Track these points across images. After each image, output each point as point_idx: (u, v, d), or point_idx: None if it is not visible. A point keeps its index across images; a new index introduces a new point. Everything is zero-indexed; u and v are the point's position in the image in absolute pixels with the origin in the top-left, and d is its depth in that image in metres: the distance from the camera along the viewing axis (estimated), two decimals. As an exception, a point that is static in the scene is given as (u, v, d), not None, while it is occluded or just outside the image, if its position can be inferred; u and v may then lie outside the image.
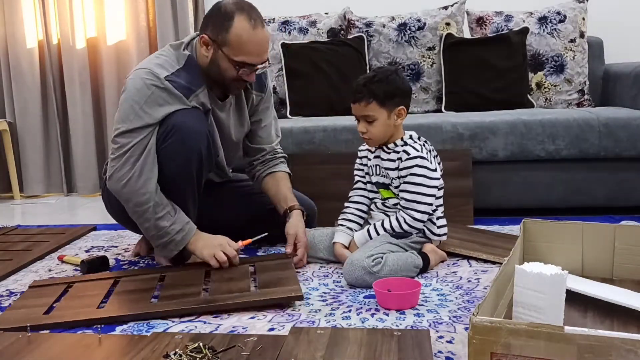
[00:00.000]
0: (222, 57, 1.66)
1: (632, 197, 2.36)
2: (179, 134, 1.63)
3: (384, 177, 1.78)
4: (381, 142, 1.76)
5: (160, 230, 1.66)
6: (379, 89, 1.68)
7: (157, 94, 1.63)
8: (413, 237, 1.74)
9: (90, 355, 1.21)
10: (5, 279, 1.79)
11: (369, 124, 1.71)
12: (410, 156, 1.71)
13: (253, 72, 1.70)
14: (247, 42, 1.63)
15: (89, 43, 3.31)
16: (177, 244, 1.67)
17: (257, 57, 1.67)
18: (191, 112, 1.68)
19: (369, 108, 1.69)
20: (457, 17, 2.83)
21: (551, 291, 1.17)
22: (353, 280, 1.59)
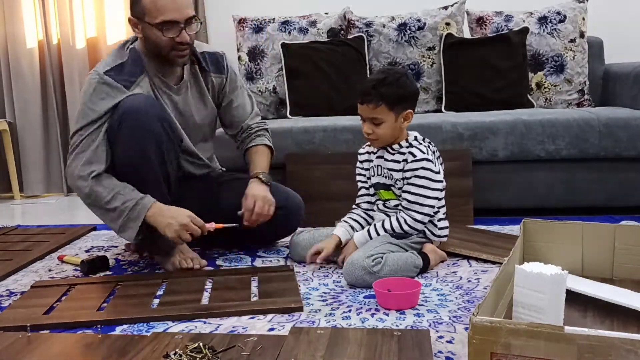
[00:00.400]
0: (148, 28, 1.69)
1: (632, 197, 2.36)
2: (130, 120, 1.65)
3: (386, 178, 1.78)
4: (386, 143, 1.75)
5: (114, 212, 1.66)
6: (389, 93, 1.66)
7: (98, 89, 1.70)
8: (413, 238, 1.74)
9: (90, 355, 1.21)
10: (5, 279, 1.79)
11: (375, 125, 1.70)
12: (417, 158, 1.70)
13: (182, 31, 1.69)
14: (159, 0, 1.65)
15: (89, 43, 3.31)
16: (135, 219, 1.65)
17: (175, 12, 1.67)
18: (140, 97, 1.70)
19: (378, 111, 1.67)
20: (457, 17, 2.83)
21: (551, 291, 1.17)
22: (353, 280, 1.59)
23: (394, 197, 1.78)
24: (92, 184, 1.66)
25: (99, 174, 1.67)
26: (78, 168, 1.68)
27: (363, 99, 1.68)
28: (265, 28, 2.86)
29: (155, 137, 1.68)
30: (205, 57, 1.89)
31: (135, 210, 1.64)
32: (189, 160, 1.92)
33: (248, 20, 2.90)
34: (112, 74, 1.72)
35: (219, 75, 1.93)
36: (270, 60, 2.84)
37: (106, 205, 1.66)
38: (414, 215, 1.71)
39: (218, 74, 1.93)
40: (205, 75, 1.90)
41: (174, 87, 1.82)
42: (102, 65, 1.75)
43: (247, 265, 1.84)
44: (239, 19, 2.92)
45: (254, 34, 2.86)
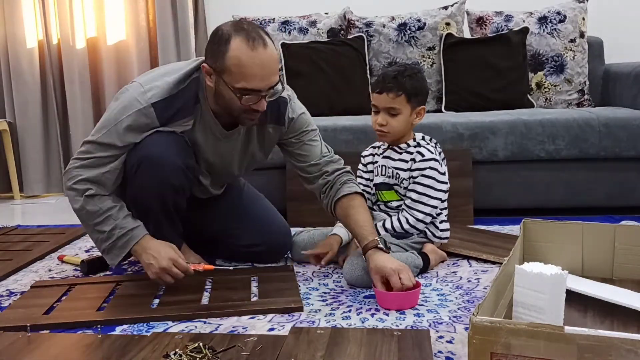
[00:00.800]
0: (223, 86, 1.48)
1: (632, 197, 2.36)
2: (150, 166, 1.53)
3: (390, 178, 1.78)
4: (395, 138, 1.75)
5: (102, 234, 1.55)
6: (410, 84, 1.67)
7: (137, 118, 1.53)
8: (414, 238, 1.74)
9: (90, 355, 1.21)
10: (5, 279, 1.79)
11: (391, 116, 1.69)
12: (425, 157, 1.71)
13: (261, 100, 1.50)
14: (246, 65, 1.43)
15: (89, 43, 3.31)
16: (121, 248, 1.55)
17: (260, 81, 1.46)
18: (166, 140, 1.55)
19: (397, 101, 1.67)
20: (457, 17, 2.83)
21: (551, 291, 1.17)
22: (353, 279, 1.59)
23: (396, 198, 1.78)
24: (86, 201, 1.54)
25: (93, 195, 1.54)
26: (76, 180, 1.55)
27: (383, 88, 1.67)
28: (265, 28, 2.85)
29: (172, 189, 1.58)
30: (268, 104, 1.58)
31: (123, 239, 1.54)
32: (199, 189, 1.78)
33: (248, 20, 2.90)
34: (159, 106, 1.53)
35: (277, 127, 1.70)
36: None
37: (95, 226, 1.55)
38: (416, 215, 1.71)
39: (276, 125, 1.70)
40: (262, 125, 1.68)
41: (225, 132, 1.64)
42: (154, 89, 1.54)
43: (247, 265, 1.84)
44: (239, 19, 2.92)
45: (254, 34, 2.85)
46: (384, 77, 1.69)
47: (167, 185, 1.57)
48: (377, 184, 1.81)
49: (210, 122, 1.62)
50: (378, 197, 1.82)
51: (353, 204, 1.65)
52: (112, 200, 1.56)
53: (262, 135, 1.72)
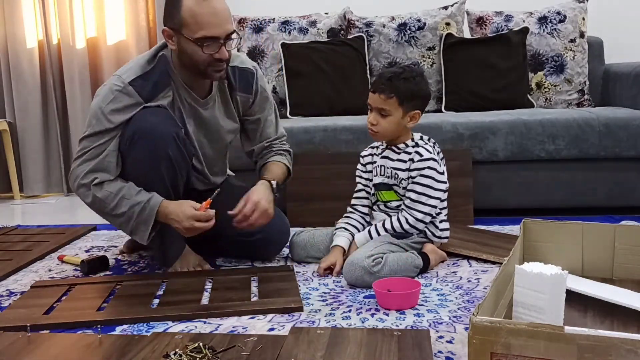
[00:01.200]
0: (185, 42, 1.60)
1: (632, 197, 2.36)
2: (143, 139, 1.60)
3: (389, 178, 1.77)
4: (385, 138, 1.75)
5: (123, 217, 1.62)
6: (403, 87, 1.66)
7: (118, 98, 1.62)
8: (414, 237, 1.74)
9: (90, 355, 1.21)
10: (5, 279, 1.79)
11: (382, 117, 1.69)
12: (423, 157, 1.71)
13: (221, 47, 1.60)
14: (200, 14, 1.56)
15: (89, 43, 3.31)
16: (145, 222, 1.62)
17: (216, 27, 1.57)
18: (155, 112, 1.63)
19: (388, 103, 1.67)
20: (457, 17, 2.83)
21: (551, 291, 1.17)
22: (353, 280, 1.59)
23: (395, 198, 1.77)
24: (95, 191, 1.62)
25: (101, 182, 1.62)
26: (81, 176, 1.63)
27: (376, 88, 1.68)
28: (265, 28, 2.86)
29: (169, 158, 1.63)
30: (235, 73, 1.79)
31: (143, 214, 1.61)
32: (198, 177, 1.86)
33: (248, 20, 2.90)
34: (136, 83, 1.63)
35: (246, 95, 1.83)
36: (270, 60, 2.84)
37: (112, 211, 1.63)
38: (416, 215, 1.71)
39: (245, 94, 1.83)
40: (232, 91, 1.81)
41: (200, 100, 1.74)
42: (127, 72, 1.66)
43: (247, 265, 1.84)
44: (239, 18, 2.92)
45: (254, 34, 2.86)
46: (379, 77, 1.70)
47: (161, 154, 1.62)
48: (377, 184, 1.81)
49: (185, 95, 1.72)
50: (377, 197, 1.81)
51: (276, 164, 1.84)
52: (120, 182, 1.64)
53: (234, 101, 1.83)
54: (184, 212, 1.60)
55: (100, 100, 1.65)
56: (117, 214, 1.63)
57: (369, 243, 1.70)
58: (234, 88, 1.81)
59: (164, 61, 1.70)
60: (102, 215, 1.69)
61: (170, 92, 1.69)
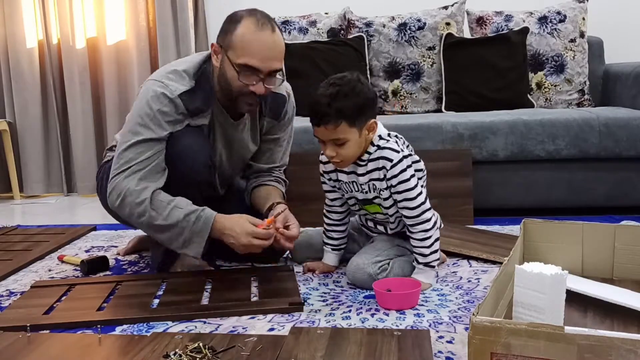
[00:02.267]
0: (227, 63, 1.55)
1: (632, 197, 2.36)
2: (178, 162, 1.57)
3: (367, 193, 1.60)
4: (353, 161, 1.56)
5: (176, 227, 1.53)
6: (347, 107, 1.45)
7: (169, 109, 1.56)
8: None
9: (90, 355, 1.21)
10: (5, 279, 1.79)
11: (338, 147, 1.49)
12: (394, 162, 1.52)
13: (260, 82, 1.53)
14: (250, 41, 1.50)
15: (89, 43, 3.31)
16: (199, 233, 1.53)
17: (261, 60, 1.51)
18: (193, 136, 1.60)
19: (339, 130, 1.46)
20: (457, 17, 2.83)
21: (551, 291, 1.17)
22: (356, 282, 1.59)
23: (380, 211, 1.63)
24: (149, 203, 1.53)
25: (154, 191, 1.54)
26: (131, 186, 1.54)
27: (318, 120, 1.47)
28: (265, 28, 2.86)
29: (197, 184, 1.61)
30: (268, 99, 1.71)
31: (198, 223, 1.53)
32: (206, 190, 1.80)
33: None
34: (184, 98, 1.57)
35: (273, 120, 1.80)
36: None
37: (165, 221, 1.53)
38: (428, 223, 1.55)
39: (272, 119, 1.79)
40: (260, 116, 1.77)
41: (233, 122, 1.70)
42: (173, 82, 1.58)
43: (247, 265, 1.84)
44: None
45: (254, 34, 2.85)
46: (316, 106, 1.47)
47: (192, 180, 1.60)
48: (360, 200, 1.64)
49: (218, 113, 1.68)
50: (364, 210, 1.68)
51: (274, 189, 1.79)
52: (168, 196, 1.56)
53: (261, 124, 1.80)
54: (242, 228, 1.53)
55: (144, 107, 1.56)
56: (170, 224, 1.53)
57: (376, 245, 1.64)
58: (263, 114, 1.77)
59: (207, 78, 1.63)
60: (149, 229, 1.58)
61: (210, 112, 1.65)
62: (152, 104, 1.56)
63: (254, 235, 1.53)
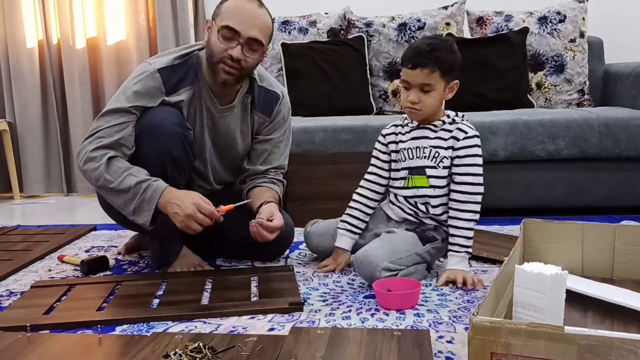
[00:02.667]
0: (213, 31, 1.64)
1: (632, 197, 2.36)
2: (150, 136, 1.61)
3: (426, 159, 1.64)
4: (428, 116, 1.62)
5: (128, 192, 1.57)
6: (445, 58, 1.56)
7: (146, 81, 1.65)
8: (437, 243, 1.66)
9: (90, 355, 1.21)
10: (5, 279, 1.79)
11: (424, 93, 1.57)
12: (469, 135, 1.61)
13: (239, 46, 1.61)
14: (235, 8, 1.61)
15: (89, 43, 3.31)
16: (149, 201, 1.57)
17: (240, 23, 1.60)
18: (166, 112, 1.65)
19: (432, 77, 1.55)
20: (457, 17, 2.83)
21: (551, 291, 1.17)
22: (360, 271, 1.58)
23: (425, 184, 1.65)
24: (105, 166, 1.59)
25: (112, 157, 1.60)
26: (91, 149, 1.61)
27: (417, 63, 1.55)
28: (265, 28, 2.86)
29: (173, 157, 1.63)
30: (261, 93, 1.80)
31: (148, 191, 1.57)
32: (198, 180, 1.84)
33: None
34: (163, 72, 1.66)
35: (264, 117, 1.82)
36: (270, 60, 2.84)
37: (118, 186, 1.58)
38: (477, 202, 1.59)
39: (263, 115, 1.82)
40: (252, 109, 1.81)
41: (219, 107, 1.75)
42: (158, 60, 1.70)
43: (247, 265, 1.84)
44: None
45: (254, 34, 2.85)
46: (418, 51, 1.56)
47: (166, 152, 1.62)
48: (412, 168, 1.67)
49: (206, 97, 1.73)
50: (407, 183, 1.68)
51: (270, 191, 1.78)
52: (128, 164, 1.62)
53: (252, 119, 1.82)
54: (190, 198, 1.55)
55: (128, 80, 1.69)
56: (122, 189, 1.58)
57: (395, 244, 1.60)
58: (255, 107, 1.81)
59: (195, 60, 1.72)
60: (105, 193, 1.64)
61: (192, 90, 1.71)
62: (131, 78, 1.68)
63: (199, 208, 1.54)
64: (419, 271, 1.63)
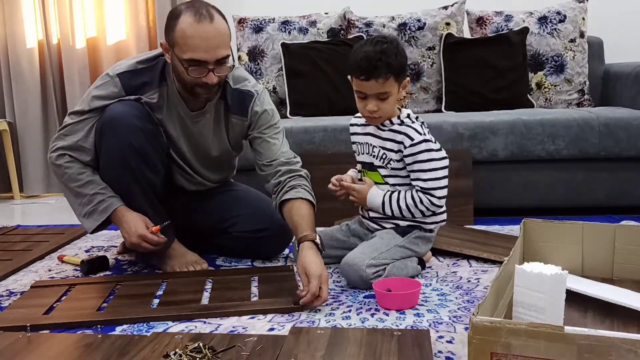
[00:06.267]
0: (175, 59, 1.60)
1: (632, 197, 2.36)
2: (109, 130, 1.63)
3: (374, 158, 1.67)
4: (387, 119, 1.64)
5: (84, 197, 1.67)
6: (396, 63, 1.54)
7: (104, 86, 1.70)
8: (415, 233, 1.67)
9: (90, 355, 1.21)
10: (5, 279, 1.79)
11: (381, 101, 1.58)
12: (415, 141, 1.59)
13: (209, 73, 1.57)
14: (190, 36, 1.54)
15: (89, 43, 3.31)
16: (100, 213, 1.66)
17: (204, 52, 1.54)
18: (125, 104, 1.66)
19: (387, 84, 1.55)
20: (457, 17, 2.83)
21: (551, 291, 1.17)
22: (347, 279, 1.59)
23: (380, 181, 1.68)
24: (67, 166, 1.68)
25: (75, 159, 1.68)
26: (55, 147, 1.70)
27: (371, 75, 1.53)
28: (265, 28, 2.86)
29: (134, 150, 1.63)
30: (234, 95, 1.74)
31: (103, 204, 1.66)
32: (183, 176, 1.83)
33: (248, 20, 2.90)
34: (123, 76, 1.68)
35: (241, 118, 1.77)
36: (270, 60, 2.84)
37: (79, 188, 1.67)
38: (433, 200, 1.61)
39: (240, 116, 1.77)
40: (227, 113, 1.77)
41: (190, 113, 1.73)
42: (121, 64, 1.73)
43: (247, 265, 1.84)
44: (239, 18, 2.92)
45: (254, 34, 2.86)
46: (369, 62, 1.53)
47: (127, 145, 1.63)
48: (362, 163, 1.73)
49: (176, 102, 1.72)
50: (363, 175, 1.74)
51: (295, 205, 1.65)
52: (92, 171, 1.69)
53: (228, 124, 1.79)
54: (136, 228, 1.63)
55: (91, 87, 1.74)
56: (80, 193, 1.67)
57: (376, 243, 1.62)
58: (229, 110, 1.76)
59: (162, 66, 1.71)
60: (64, 186, 1.71)
61: (156, 95, 1.70)
62: (95, 83, 1.73)
63: (144, 239, 1.63)
64: (410, 266, 1.63)
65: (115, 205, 1.66)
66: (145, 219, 1.66)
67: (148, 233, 1.63)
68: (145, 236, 1.62)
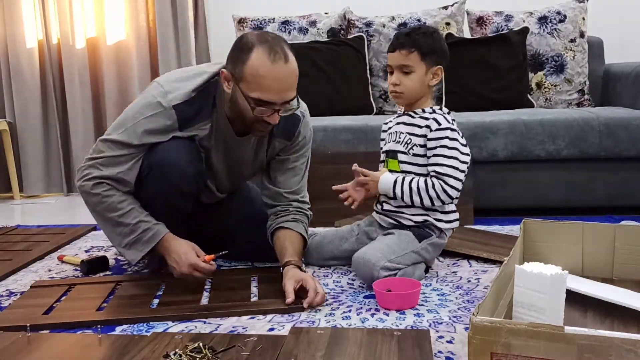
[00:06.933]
0: (239, 94, 1.49)
1: (632, 197, 2.36)
2: (160, 172, 1.54)
3: (399, 144, 1.68)
4: (410, 100, 1.66)
5: (126, 227, 1.55)
6: (423, 41, 1.61)
7: (158, 117, 1.54)
8: (432, 239, 1.66)
9: (90, 355, 1.21)
10: (5, 279, 1.79)
11: (404, 75, 1.62)
12: (442, 126, 1.61)
13: (274, 113, 1.50)
14: (263, 76, 1.44)
15: (89, 43, 3.31)
16: (145, 243, 1.55)
17: (275, 94, 1.46)
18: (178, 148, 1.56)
19: (410, 58, 1.61)
20: (457, 17, 2.83)
21: (551, 291, 1.17)
22: (357, 273, 1.59)
23: (397, 169, 1.68)
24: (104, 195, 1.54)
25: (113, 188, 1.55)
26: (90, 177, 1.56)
27: (395, 45, 1.63)
28: (265, 28, 2.86)
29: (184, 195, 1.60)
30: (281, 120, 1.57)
31: (148, 233, 1.54)
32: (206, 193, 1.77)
33: (248, 20, 2.90)
34: (180, 108, 1.53)
35: (285, 141, 1.71)
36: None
37: (119, 217, 1.54)
38: (444, 187, 1.60)
39: (284, 139, 1.70)
40: (271, 136, 1.69)
41: (236, 137, 1.64)
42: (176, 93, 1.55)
43: (247, 265, 1.84)
44: (239, 18, 2.92)
45: (254, 34, 2.85)
46: (397, 36, 1.65)
47: (177, 192, 1.58)
48: (387, 151, 1.73)
49: (223, 127, 1.62)
50: (385, 165, 1.73)
51: (292, 234, 1.64)
52: (133, 199, 1.58)
53: (269, 147, 1.72)
54: (187, 257, 1.53)
55: (139, 109, 1.56)
56: (122, 222, 1.55)
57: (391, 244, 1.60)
58: (274, 134, 1.68)
59: (213, 90, 1.59)
60: (101, 218, 1.59)
61: (208, 126, 1.60)
62: (144, 110, 1.55)
63: (196, 268, 1.52)
64: (418, 273, 1.63)
65: (161, 233, 1.55)
66: (194, 246, 1.56)
67: (200, 262, 1.52)
68: (197, 265, 1.52)
